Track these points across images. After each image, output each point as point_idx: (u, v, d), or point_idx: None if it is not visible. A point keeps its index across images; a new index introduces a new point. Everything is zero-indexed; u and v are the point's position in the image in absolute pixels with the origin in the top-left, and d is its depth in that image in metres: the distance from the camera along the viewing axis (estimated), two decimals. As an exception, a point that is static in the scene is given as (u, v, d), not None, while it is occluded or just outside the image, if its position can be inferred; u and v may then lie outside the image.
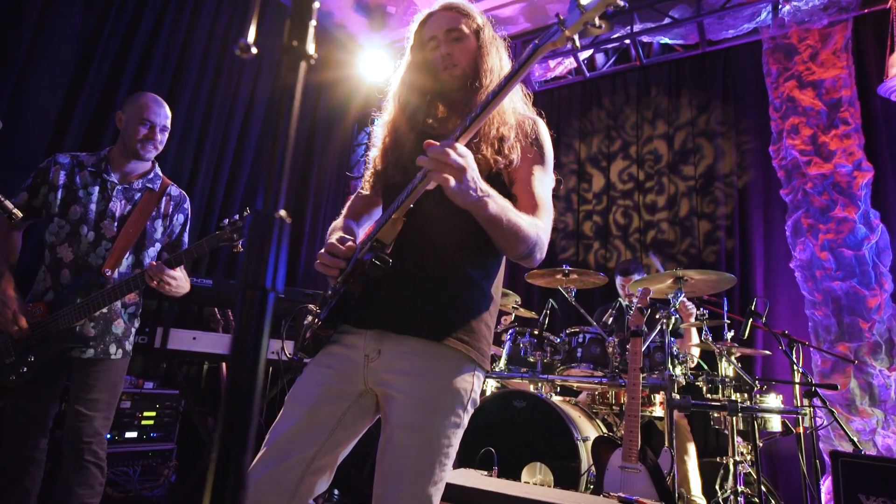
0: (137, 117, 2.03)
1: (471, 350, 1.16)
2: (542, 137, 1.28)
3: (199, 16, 4.08)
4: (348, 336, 1.21)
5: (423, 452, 1.10)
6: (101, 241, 1.98)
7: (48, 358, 1.86)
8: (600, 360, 2.95)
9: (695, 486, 3.03)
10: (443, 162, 0.94)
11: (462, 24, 1.28)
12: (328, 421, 1.15)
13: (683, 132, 4.76)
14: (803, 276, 3.86)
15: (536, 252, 1.16)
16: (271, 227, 0.39)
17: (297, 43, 0.46)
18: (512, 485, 1.90)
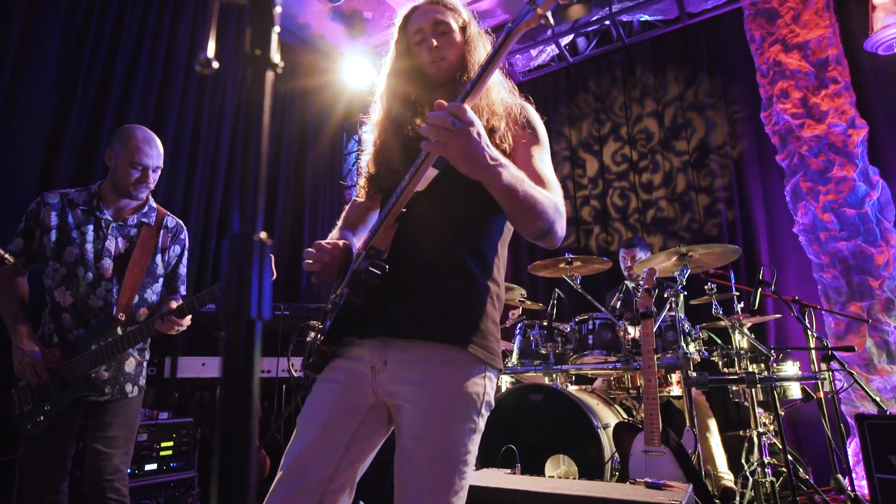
0: (128, 160, 1.94)
1: (478, 350, 1.12)
2: (532, 120, 1.26)
3: (175, 39, 4.06)
4: (352, 349, 1.18)
5: (440, 463, 1.06)
6: (101, 281, 1.93)
7: (65, 405, 1.83)
8: (612, 344, 2.93)
9: (720, 462, 3.00)
10: (445, 128, 0.91)
11: (449, 17, 1.27)
12: (341, 438, 1.12)
13: (672, 108, 4.73)
14: (808, 239, 3.83)
15: (557, 228, 1.11)
16: (251, 250, 0.37)
17: (260, 52, 0.43)
18: (536, 481, 1.87)
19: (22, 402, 1.83)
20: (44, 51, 3.21)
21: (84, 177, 3.34)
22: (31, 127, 3.11)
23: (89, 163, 3.40)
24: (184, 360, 2.73)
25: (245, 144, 0.40)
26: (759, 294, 2.93)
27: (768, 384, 2.68)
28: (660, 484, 1.71)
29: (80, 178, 3.32)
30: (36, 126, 3.14)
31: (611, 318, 3.00)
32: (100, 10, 3.54)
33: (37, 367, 1.78)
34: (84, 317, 1.89)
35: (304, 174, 5.39)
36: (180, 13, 4.12)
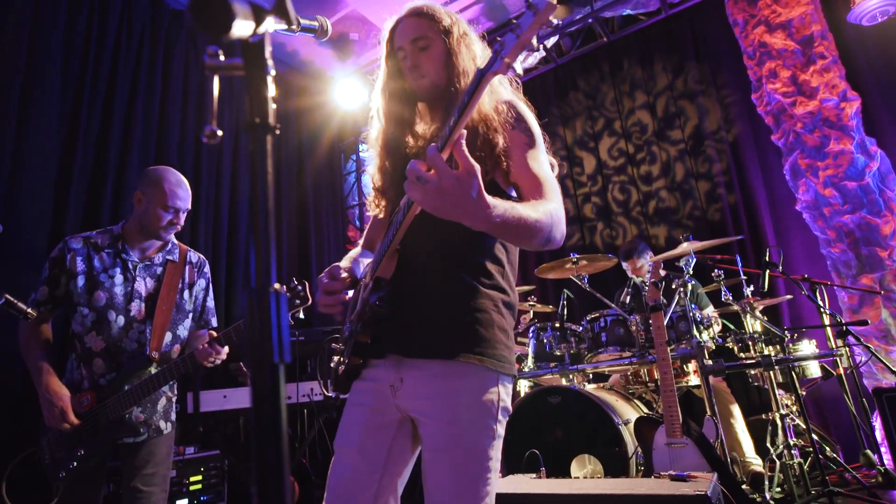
0: (161, 203, 1.94)
1: (486, 360, 1.14)
2: (524, 116, 1.24)
3: (170, 77, 4.15)
4: (370, 370, 1.23)
5: (463, 473, 1.09)
6: (133, 323, 1.93)
7: (99, 449, 1.84)
8: (626, 340, 2.94)
9: (747, 447, 2.99)
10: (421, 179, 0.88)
11: (428, 31, 1.26)
12: (378, 456, 1.16)
13: (664, 98, 4.76)
14: (812, 216, 3.83)
15: (554, 234, 1.08)
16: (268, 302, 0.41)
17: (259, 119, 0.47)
18: (562, 483, 1.89)
19: (54, 449, 1.85)
20: (46, 96, 3.29)
21: (93, 217, 3.41)
22: (38, 171, 3.19)
23: (97, 203, 3.47)
24: (206, 395, 2.78)
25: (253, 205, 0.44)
26: (767, 276, 2.94)
27: (785, 365, 2.68)
28: (684, 476, 1.72)
29: (90, 219, 3.39)
30: (43, 170, 3.22)
31: (622, 314, 3.02)
32: (95, 55, 3.64)
33: (66, 413, 1.78)
34: (117, 360, 1.90)
35: (306, 196, 5.46)
36: (171, 52, 4.22)
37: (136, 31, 3.97)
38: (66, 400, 1.80)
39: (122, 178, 3.65)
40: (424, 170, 0.88)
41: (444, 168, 0.87)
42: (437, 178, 0.87)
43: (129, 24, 3.92)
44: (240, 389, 2.96)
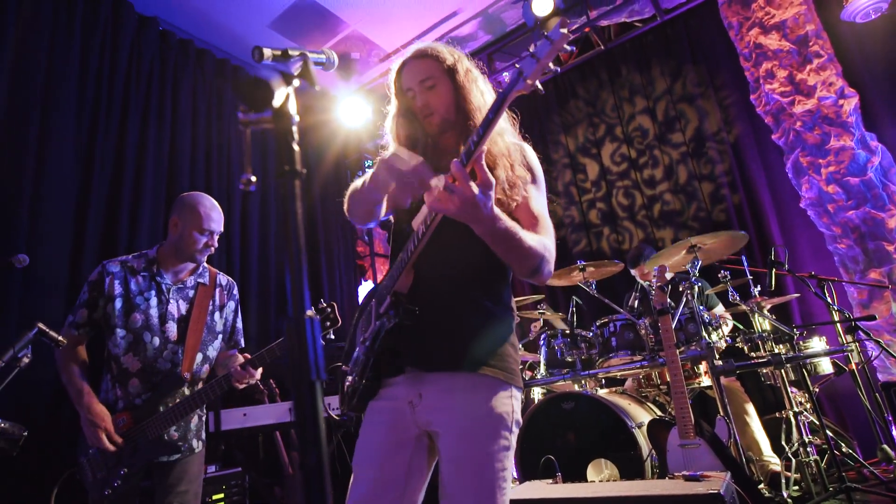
0: (197, 226, 2.03)
1: (499, 372, 1.21)
2: (530, 161, 1.34)
3: (178, 106, 4.28)
4: (388, 389, 1.28)
5: (479, 482, 1.14)
6: (167, 344, 2.00)
7: (139, 468, 1.90)
8: (636, 344, 2.97)
9: (764, 445, 3.00)
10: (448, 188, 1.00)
11: (434, 71, 1.33)
12: (398, 473, 1.21)
13: (663, 102, 4.81)
14: (816, 213, 3.85)
15: (545, 266, 1.19)
16: (304, 329, 0.47)
17: (288, 167, 0.54)
18: (578, 487, 1.92)
19: (95, 469, 1.90)
20: (62, 131, 3.40)
21: (110, 245, 3.50)
22: (57, 203, 3.28)
23: (114, 232, 3.57)
24: (226, 413, 2.84)
25: (287, 243, 0.50)
26: (773, 275, 2.96)
27: (796, 363, 2.70)
28: (698, 476, 1.75)
29: (107, 247, 3.48)
30: (61, 202, 3.31)
31: (631, 318, 3.05)
32: (108, 88, 3.76)
33: (111, 434, 1.85)
34: (152, 381, 1.96)
35: (315, 212, 5.56)
36: (180, 81, 4.35)
37: (146, 63, 4.10)
38: (108, 421, 1.87)
39: (137, 206, 3.75)
40: (450, 181, 1.00)
41: (467, 180, 1.00)
42: (461, 190, 1.00)
43: (138, 57, 4.06)
44: (259, 407, 3.02)
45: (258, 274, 4.56)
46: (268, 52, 1.17)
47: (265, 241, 4.75)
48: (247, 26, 4.66)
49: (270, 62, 1.18)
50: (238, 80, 4.32)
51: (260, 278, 4.57)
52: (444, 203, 1.02)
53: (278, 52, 1.17)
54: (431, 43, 1.39)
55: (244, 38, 4.80)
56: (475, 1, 4.85)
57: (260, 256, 4.65)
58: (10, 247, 2.95)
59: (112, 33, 3.90)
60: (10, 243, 2.97)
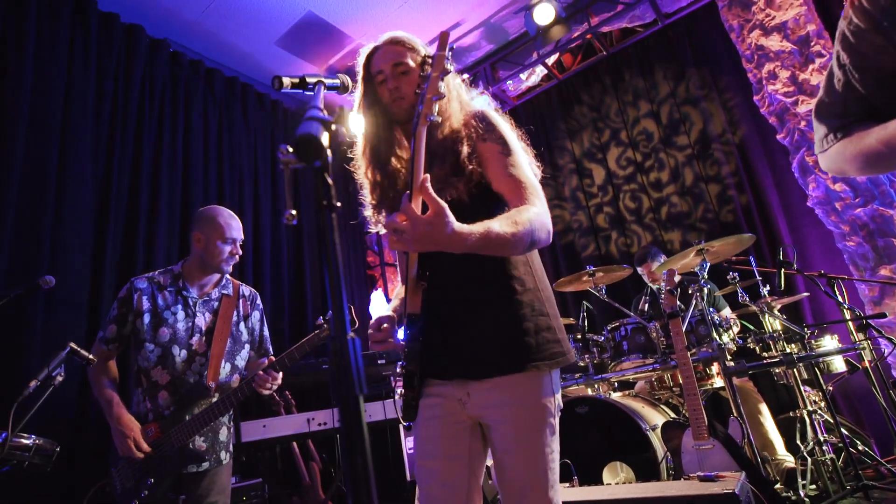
0: (220, 237, 2.10)
1: (539, 364, 1.24)
2: (495, 125, 1.31)
3: (191, 127, 4.38)
4: (436, 387, 1.32)
5: (534, 467, 1.22)
6: (195, 357, 2.06)
7: (166, 478, 1.96)
8: (647, 347, 3.00)
9: (778, 445, 3.01)
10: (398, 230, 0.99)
11: (408, 57, 1.35)
12: (463, 459, 1.28)
13: (667, 105, 4.85)
14: (824, 211, 3.86)
15: (538, 238, 1.16)
16: (346, 347, 0.52)
17: (325, 202, 0.59)
18: (595, 490, 1.96)
19: (124, 479, 1.97)
20: (80, 157, 3.50)
21: (128, 265, 3.59)
22: (77, 225, 3.38)
23: (131, 252, 3.66)
24: (246, 425, 2.90)
25: (328, 272, 0.56)
26: (783, 275, 2.98)
27: (808, 362, 2.71)
28: (712, 476, 1.78)
29: (125, 267, 3.57)
30: (80, 224, 3.40)
31: (641, 322, 3.08)
32: (122, 113, 3.87)
33: (139, 442, 1.92)
34: (180, 392, 2.03)
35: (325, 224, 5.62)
36: (191, 102, 4.45)
37: (158, 84, 4.21)
38: (136, 430, 1.94)
39: (153, 225, 3.84)
40: (400, 220, 0.99)
41: (415, 217, 0.99)
42: (411, 227, 0.98)
43: (151, 78, 4.17)
44: (277, 419, 3.07)
45: (271, 281, 4.62)
46: (287, 80, 1.23)
47: (277, 251, 4.82)
48: (254, 45, 4.77)
49: (290, 90, 1.24)
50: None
51: (273, 285, 4.64)
52: (402, 244, 1.01)
53: (296, 80, 1.23)
54: (406, 34, 1.41)
55: (252, 56, 4.90)
56: (477, 11, 4.93)
57: (273, 264, 4.72)
58: (34, 268, 3.04)
59: (126, 56, 4.01)
60: (33, 265, 3.05)
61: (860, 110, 1.00)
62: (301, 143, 0.61)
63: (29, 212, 3.15)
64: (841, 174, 1.08)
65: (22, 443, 1.93)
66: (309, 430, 3.05)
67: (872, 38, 0.91)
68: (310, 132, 0.62)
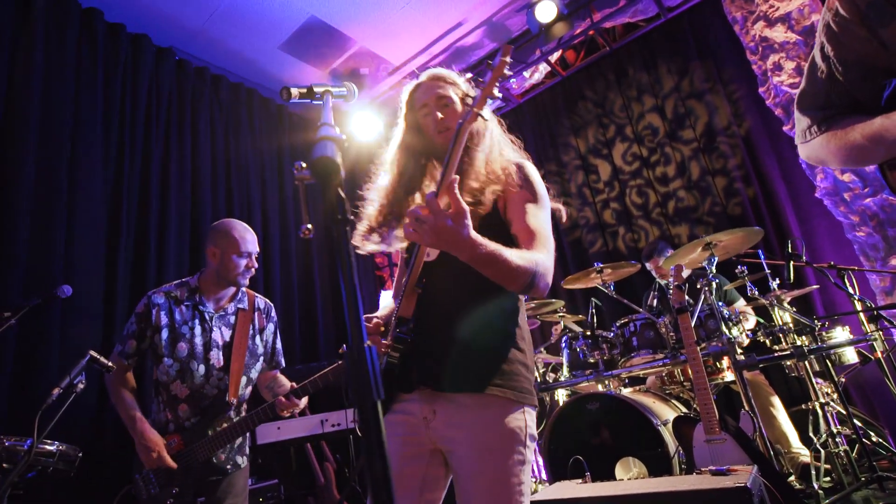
0: (235, 251, 2.10)
1: (508, 392, 1.24)
2: (530, 177, 1.37)
3: (197, 134, 4.42)
4: (402, 404, 1.32)
5: (498, 496, 1.17)
6: (213, 371, 2.08)
7: (190, 487, 2.00)
8: (657, 342, 3.01)
9: (792, 437, 3.01)
10: (419, 220, 1.02)
11: (450, 91, 1.42)
12: (414, 483, 1.26)
13: (672, 100, 4.84)
14: (833, 202, 3.84)
15: (538, 281, 1.19)
16: (363, 356, 0.54)
17: (340, 216, 0.62)
18: (607, 486, 1.97)
19: (148, 486, 2.02)
20: (90, 167, 3.55)
21: (140, 275, 3.64)
22: (89, 235, 3.43)
23: (143, 262, 3.71)
24: (261, 428, 2.94)
25: (344, 283, 0.58)
26: (791, 267, 2.98)
27: (819, 354, 2.71)
28: (724, 470, 1.79)
29: (137, 278, 3.62)
30: (93, 234, 3.46)
31: (650, 317, 3.09)
32: (130, 122, 3.92)
33: (163, 459, 1.95)
34: (200, 405, 2.07)
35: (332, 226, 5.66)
36: (198, 109, 4.50)
37: (165, 92, 4.26)
38: (161, 446, 1.97)
39: (163, 232, 3.89)
40: (423, 213, 1.03)
41: (438, 209, 1.01)
42: (433, 219, 1.01)
43: (157, 87, 4.22)
44: (291, 421, 3.11)
45: (281, 285, 4.67)
46: (295, 91, 1.25)
47: (286, 255, 4.86)
48: (258, 51, 4.81)
49: (298, 100, 1.27)
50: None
51: (283, 290, 4.68)
52: (418, 234, 1.03)
53: (304, 90, 1.25)
54: (447, 70, 1.48)
55: (256, 61, 4.95)
56: (480, 10, 4.94)
57: (282, 268, 4.76)
58: (49, 279, 3.09)
59: (132, 66, 4.06)
60: (49, 276, 3.11)
61: (842, 102, 1.00)
62: (318, 166, 0.63)
63: (42, 223, 3.20)
64: (820, 164, 1.08)
65: (46, 449, 1.98)
66: (322, 431, 3.08)
67: (857, 31, 0.92)
68: (325, 154, 0.65)
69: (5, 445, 1.85)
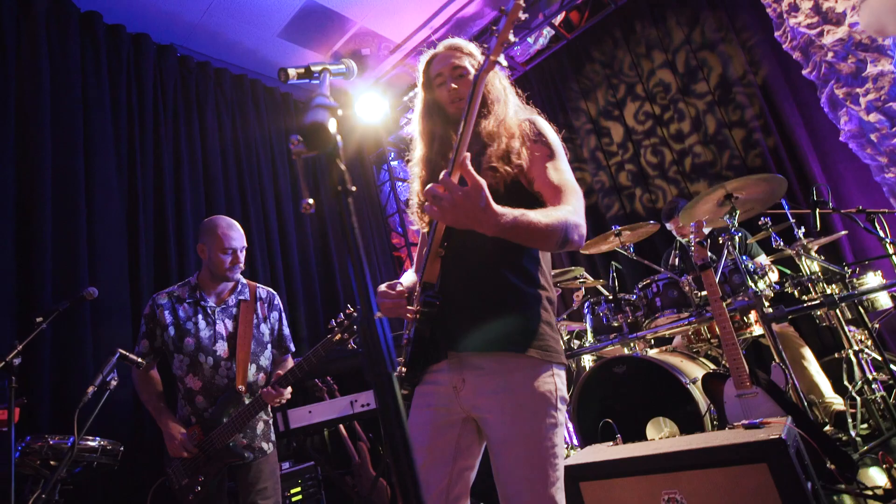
0: (219, 248, 2.20)
1: (538, 352, 1.24)
2: (543, 131, 1.36)
3: (206, 128, 4.44)
4: (432, 374, 1.33)
5: (532, 460, 1.18)
6: (220, 362, 2.18)
7: (215, 473, 2.10)
8: (681, 301, 2.96)
9: (825, 387, 2.96)
10: (437, 197, 1.02)
11: (465, 61, 1.41)
12: (447, 451, 1.27)
13: (683, 53, 4.67)
14: (858, 144, 3.69)
15: (571, 235, 1.17)
16: (374, 327, 0.54)
17: (340, 187, 0.60)
18: (639, 446, 1.97)
19: (178, 477, 2.12)
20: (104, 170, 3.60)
21: (163, 271, 3.71)
22: (110, 238, 3.50)
23: (164, 258, 3.77)
24: (293, 412, 3.01)
25: (350, 255, 0.57)
26: (818, 215, 2.89)
27: (850, 301, 2.64)
28: (757, 423, 1.77)
29: (160, 273, 3.69)
30: (114, 237, 3.52)
31: (673, 277, 3.04)
32: (139, 122, 3.95)
33: (186, 446, 2.06)
34: (214, 396, 2.17)
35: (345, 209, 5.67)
36: (204, 104, 4.51)
37: (170, 89, 4.28)
38: (183, 435, 2.08)
39: (181, 227, 3.95)
40: (440, 191, 1.02)
41: (453, 187, 1.01)
42: (449, 196, 1.01)
43: (162, 85, 4.23)
44: (322, 404, 3.17)
45: (300, 270, 4.71)
46: (292, 71, 1.23)
47: (303, 240, 4.88)
48: (258, 40, 4.77)
49: (296, 81, 1.25)
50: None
51: (303, 274, 4.73)
52: (440, 212, 1.03)
53: (302, 70, 1.23)
54: (462, 40, 1.47)
55: (257, 51, 4.91)
56: (478, -21, 4.81)
57: (300, 253, 4.79)
58: (76, 283, 3.17)
59: (136, 66, 4.07)
60: (75, 280, 3.19)
61: None
62: (309, 132, 0.62)
63: (64, 231, 3.27)
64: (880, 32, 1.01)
65: (88, 445, 2.06)
66: (353, 411, 3.14)
67: None
68: (317, 119, 0.63)
69: (50, 444, 1.93)
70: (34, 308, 2.92)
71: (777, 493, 1.51)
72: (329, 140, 0.61)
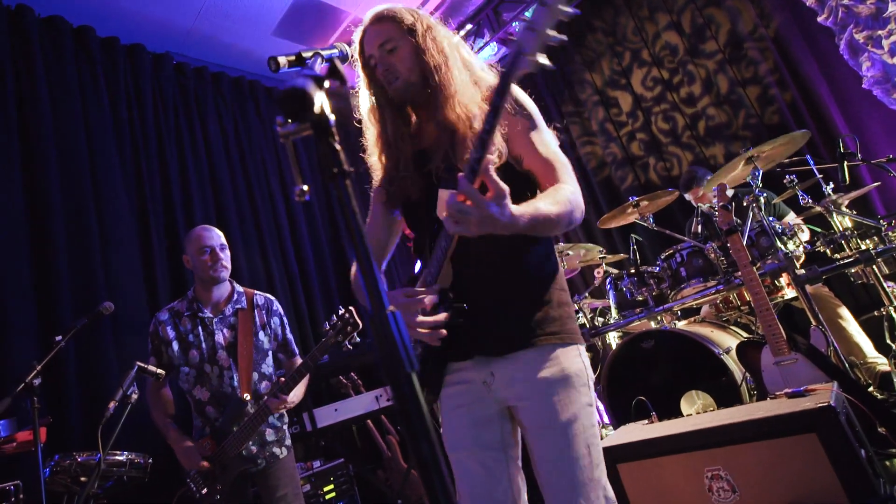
0: (197, 249, 2.25)
1: (561, 337, 1.22)
2: (521, 101, 1.26)
3: (208, 136, 4.40)
4: (458, 374, 1.27)
5: (573, 443, 1.14)
6: (223, 371, 2.21)
7: (232, 482, 2.12)
8: (707, 269, 2.85)
9: (866, 347, 2.85)
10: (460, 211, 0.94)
11: (393, 33, 1.28)
12: (496, 446, 1.22)
13: (688, 12, 4.49)
14: (883, 90, 3.52)
15: (575, 217, 1.14)
16: (387, 322, 0.47)
17: (336, 168, 0.54)
18: (677, 423, 1.89)
19: (198, 487, 2.14)
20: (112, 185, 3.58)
21: (179, 282, 3.69)
22: (125, 249, 3.50)
23: (178, 262, 3.75)
24: (319, 411, 2.98)
25: (353, 243, 0.51)
26: (846, 168, 2.75)
27: (888, 255, 2.51)
28: (801, 391, 1.68)
29: (176, 284, 3.67)
30: (127, 250, 3.52)
31: (697, 245, 2.93)
32: (142, 135, 3.92)
33: (193, 459, 2.08)
34: (222, 405, 2.18)
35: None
36: (204, 110, 4.46)
37: (169, 98, 4.23)
38: (192, 449, 2.10)
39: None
40: (461, 200, 0.94)
41: (480, 199, 0.93)
42: (476, 209, 0.93)
43: (161, 94, 4.20)
44: (348, 401, 3.14)
45: (315, 266, 4.67)
46: (283, 59, 1.17)
47: (315, 236, 4.83)
48: (252, 40, 4.70)
49: (287, 69, 1.18)
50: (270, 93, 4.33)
51: (318, 270, 4.69)
52: (463, 225, 0.96)
53: (292, 57, 1.17)
54: (391, 4, 1.33)
55: (252, 52, 4.84)
56: (470, -44, 4.67)
57: (314, 250, 4.75)
58: (93, 300, 3.17)
59: (133, 77, 4.04)
60: (93, 297, 3.18)
61: None
62: (286, 100, 0.55)
63: (79, 250, 3.26)
64: None
65: (116, 459, 2.07)
66: (379, 406, 3.11)
67: None
68: (294, 85, 0.56)
69: (78, 461, 1.93)
70: (55, 330, 2.92)
71: (829, 464, 1.43)
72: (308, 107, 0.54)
